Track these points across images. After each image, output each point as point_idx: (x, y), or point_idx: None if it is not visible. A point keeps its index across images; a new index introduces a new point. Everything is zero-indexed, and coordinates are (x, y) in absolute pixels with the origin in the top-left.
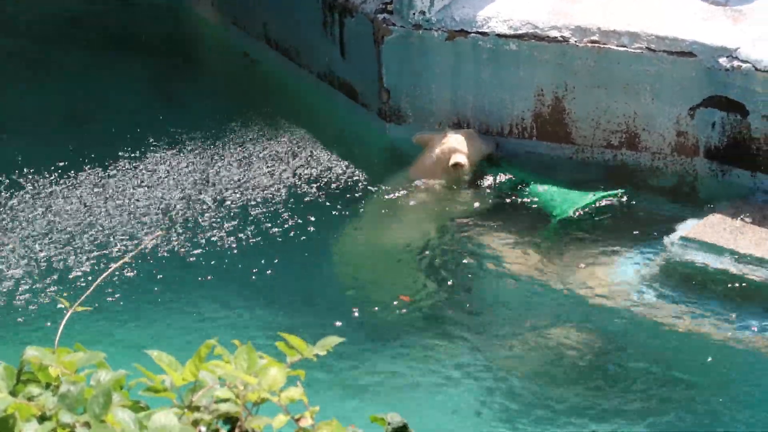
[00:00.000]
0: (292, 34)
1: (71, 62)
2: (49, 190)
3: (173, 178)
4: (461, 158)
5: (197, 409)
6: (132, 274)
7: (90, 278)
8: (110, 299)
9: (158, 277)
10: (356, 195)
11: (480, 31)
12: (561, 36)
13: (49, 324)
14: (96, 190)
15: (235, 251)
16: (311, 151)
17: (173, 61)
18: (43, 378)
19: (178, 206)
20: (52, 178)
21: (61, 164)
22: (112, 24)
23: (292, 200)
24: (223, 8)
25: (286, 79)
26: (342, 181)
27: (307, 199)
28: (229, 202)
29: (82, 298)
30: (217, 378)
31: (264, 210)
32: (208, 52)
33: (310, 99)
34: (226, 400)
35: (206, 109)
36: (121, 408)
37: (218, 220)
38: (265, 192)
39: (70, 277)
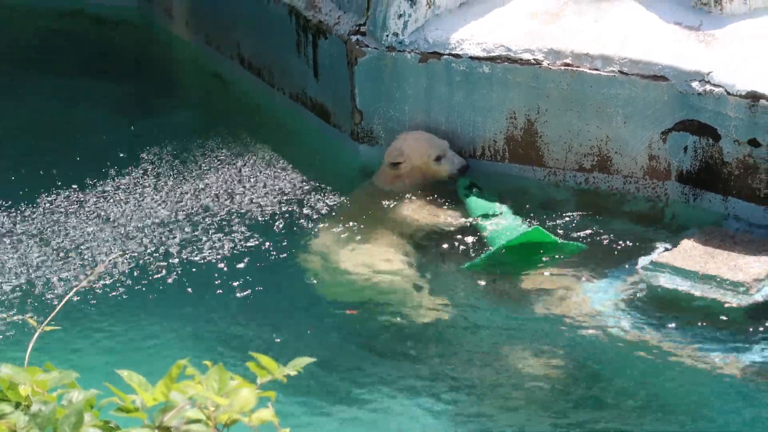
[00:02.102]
0: (266, 54)
1: (39, 82)
2: (11, 211)
3: (140, 200)
4: (397, 158)
5: (168, 429)
6: (101, 293)
7: (58, 298)
8: (80, 318)
9: (128, 297)
10: (326, 215)
11: (453, 53)
12: (534, 59)
13: (15, 343)
14: (65, 209)
15: (205, 272)
16: (283, 172)
17: (144, 81)
18: (13, 397)
19: (145, 227)
20: (14, 199)
21: (28, 185)
22: (82, 42)
23: (261, 221)
24: (197, 27)
25: (258, 100)
26: (312, 201)
27: (276, 219)
28: (197, 224)
29: (51, 317)
30: (188, 398)
31: (233, 231)
32: (180, 71)
33: (282, 120)
34: (197, 421)
35: (177, 129)
36: (92, 428)
37: (187, 240)
38: (235, 213)
39: (39, 296)
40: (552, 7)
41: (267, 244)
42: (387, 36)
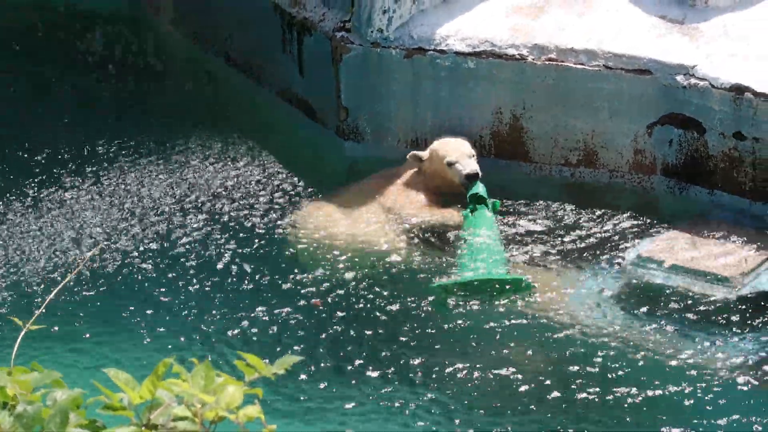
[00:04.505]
0: (252, 50)
1: (21, 75)
2: None
3: (123, 197)
4: (420, 152)
5: (155, 427)
6: (86, 292)
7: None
8: (66, 317)
9: (112, 294)
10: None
11: (438, 49)
12: (519, 54)
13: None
14: (44, 206)
15: (190, 269)
16: (268, 169)
17: (129, 76)
18: (1, 397)
19: (130, 222)
20: None
21: (5, 179)
22: (66, 36)
23: (245, 217)
24: (184, 23)
25: (244, 96)
26: (297, 199)
27: (261, 216)
28: (182, 220)
29: (35, 316)
30: (175, 396)
31: (217, 227)
32: (167, 68)
33: (268, 116)
34: (183, 419)
35: (162, 125)
36: (78, 427)
37: (170, 236)
38: (219, 210)
39: (23, 295)
40: (537, 1)
41: (250, 242)
42: (372, 32)
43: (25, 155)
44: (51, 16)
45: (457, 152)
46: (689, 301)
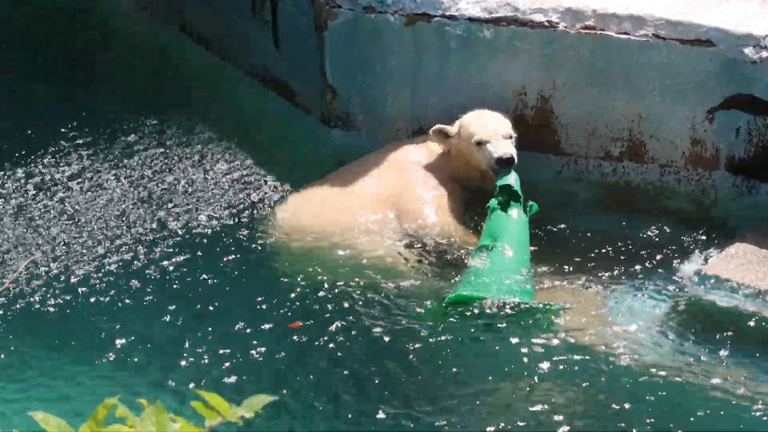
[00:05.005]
0: (215, 21)
1: None
2: None
3: (72, 196)
4: (445, 126)
5: None
6: (13, 306)
7: None
8: None
9: (48, 311)
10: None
11: (447, 14)
12: (548, 21)
13: None
14: None
15: (138, 284)
16: (238, 166)
17: (73, 55)
18: None
19: (77, 229)
20: None
21: None
22: (8, 15)
23: (212, 227)
24: None
25: (206, 76)
26: (272, 203)
27: (231, 224)
28: (138, 224)
29: None
30: None
31: (180, 234)
32: (114, 43)
33: (236, 100)
34: None
35: (114, 113)
36: None
37: (116, 246)
38: (181, 214)
39: None
40: None
41: (219, 251)
42: None
43: None
44: None
45: (490, 130)
46: (759, 328)
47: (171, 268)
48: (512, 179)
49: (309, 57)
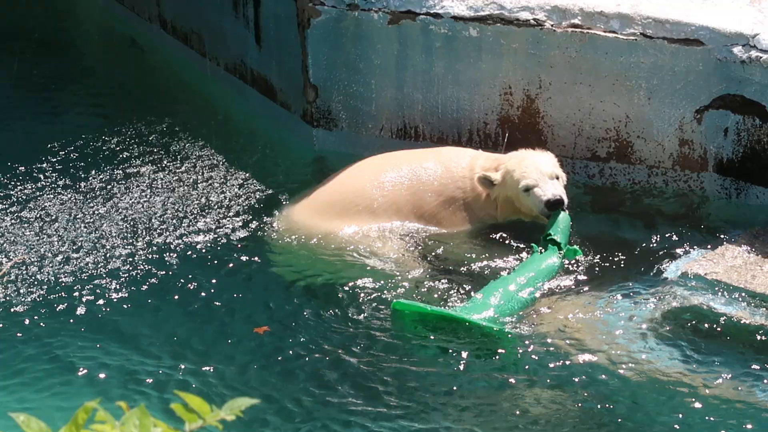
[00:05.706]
0: (194, 15)
1: None
2: None
3: (39, 202)
4: (489, 171)
5: None
6: None
7: None
8: None
9: (30, 313)
10: (271, 222)
11: (432, 12)
12: (534, 19)
13: None
14: None
15: (121, 289)
16: (217, 167)
17: (42, 52)
18: None
19: (52, 232)
20: None
21: None
22: None
23: (191, 228)
24: None
25: (185, 73)
26: (255, 205)
27: (210, 226)
28: (112, 230)
29: None
30: None
31: (157, 238)
32: (86, 38)
33: (216, 98)
34: None
35: (84, 113)
36: None
37: (96, 252)
38: (157, 217)
39: None
40: None
41: (198, 255)
42: None
43: None
44: None
45: (536, 173)
46: (745, 331)
47: (154, 270)
48: (561, 227)
49: (291, 54)
